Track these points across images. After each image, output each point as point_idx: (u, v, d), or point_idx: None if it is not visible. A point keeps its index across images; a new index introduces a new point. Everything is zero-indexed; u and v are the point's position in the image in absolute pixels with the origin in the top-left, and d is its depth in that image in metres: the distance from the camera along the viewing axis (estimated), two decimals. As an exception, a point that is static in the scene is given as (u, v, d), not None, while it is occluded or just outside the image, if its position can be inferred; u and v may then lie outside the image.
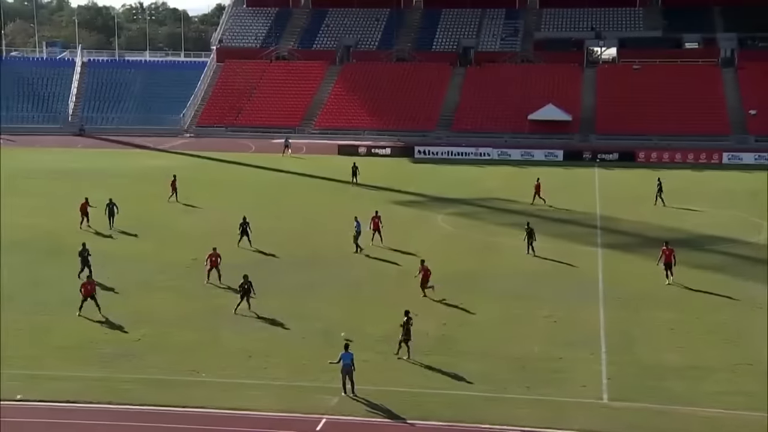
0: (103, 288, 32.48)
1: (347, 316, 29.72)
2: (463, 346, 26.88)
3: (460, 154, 76.65)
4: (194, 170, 64.38)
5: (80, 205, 43.99)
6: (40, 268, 35.58)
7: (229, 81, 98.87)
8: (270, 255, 38.17)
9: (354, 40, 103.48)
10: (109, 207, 43.75)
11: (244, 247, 39.26)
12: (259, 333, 27.88)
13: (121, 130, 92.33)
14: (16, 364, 24.82)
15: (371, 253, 38.59)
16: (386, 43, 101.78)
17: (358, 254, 38.23)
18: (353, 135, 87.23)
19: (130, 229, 43.34)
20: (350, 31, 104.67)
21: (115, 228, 43.35)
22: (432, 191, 56.00)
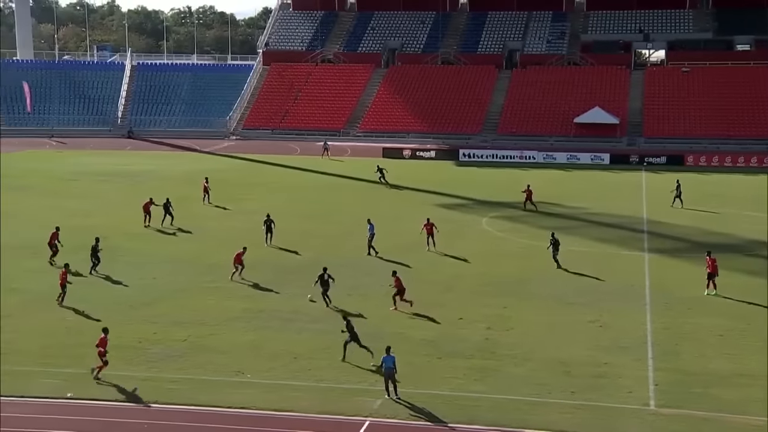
0: (151, 288, 33.00)
1: (391, 319, 29.77)
2: (506, 350, 26.77)
3: (505, 157, 76.31)
4: (240, 172, 65.02)
5: (143, 205, 45.22)
6: (85, 269, 36.12)
7: (275, 84, 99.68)
8: (314, 256, 38.37)
9: (399, 43, 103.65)
10: (166, 206, 45.31)
11: (275, 245, 39.96)
12: (304, 334, 28.05)
13: (169, 133, 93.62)
14: (64, 363, 25.26)
15: (415, 257, 38.59)
16: (431, 46, 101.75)
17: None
18: (398, 138, 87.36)
19: (179, 231, 43.88)
20: (396, 34, 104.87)
21: (175, 225, 44.70)
22: (476, 194, 55.83)
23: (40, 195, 54.42)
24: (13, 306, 30.65)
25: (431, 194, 56.76)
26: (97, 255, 35.58)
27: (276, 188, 58.35)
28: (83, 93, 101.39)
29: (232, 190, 56.29)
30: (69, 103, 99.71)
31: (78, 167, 68.41)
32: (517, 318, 30.08)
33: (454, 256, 38.76)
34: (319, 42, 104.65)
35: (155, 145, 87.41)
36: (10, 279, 34.29)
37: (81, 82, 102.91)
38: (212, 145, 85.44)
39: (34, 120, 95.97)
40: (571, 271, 36.45)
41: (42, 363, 25.16)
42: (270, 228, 41.06)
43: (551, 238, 37.37)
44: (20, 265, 36.14)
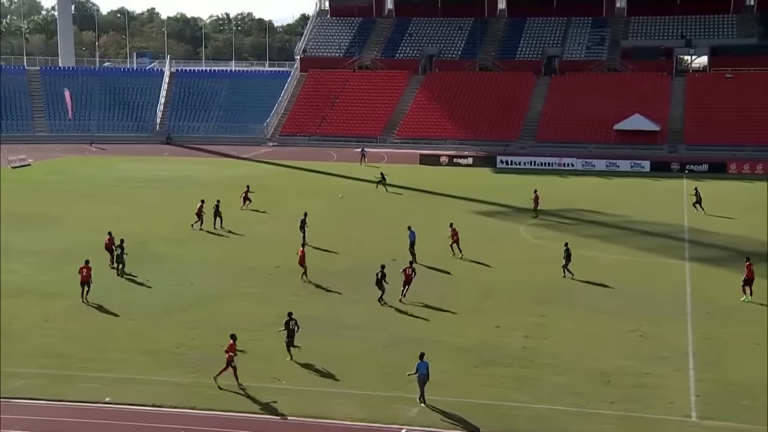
0: (188, 293, 33.34)
1: (429, 326, 29.76)
2: (545, 359, 26.61)
3: (544, 164, 75.90)
4: (277, 179, 65.44)
5: (197, 209, 46.43)
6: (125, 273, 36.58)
7: (313, 90, 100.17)
8: (353, 262, 38.48)
9: (437, 49, 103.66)
10: (216, 209, 46.61)
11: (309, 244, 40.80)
12: (340, 341, 28.13)
13: (207, 139, 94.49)
14: (102, 367, 25.59)
15: (453, 264, 38.54)
16: (469, 52, 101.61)
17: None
18: (435, 145, 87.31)
19: (213, 235, 44.30)
20: (433, 41, 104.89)
21: (225, 228, 45.94)
22: (514, 202, 55.58)
23: (83, 200, 55.23)
24: (55, 311, 31.14)
25: (468, 201, 56.65)
26: (122, 258, 36.35)
27: (313, 194, 58.60)
28: (123, 99, 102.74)
29: (270, 195, 56.66)
30: (109, 109, 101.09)
31: (118, 173, 69.34)
32: (556, 326, 29.89)
33: (492, 264, 38.62)
34: (357, 48, 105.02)
35: (193, 151, 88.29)
36: (51, 284, 34.84)
37: (121, 88, 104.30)
38: (249, 152, 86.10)
39: (75, 126, 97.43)
40: (610, 279, 36.14)
41: (82, 367, 25.52)
42: (303, 228, 42.25)
43: (565, 248, 36.80)
44: (63, 270, 36.67)
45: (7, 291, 33.51)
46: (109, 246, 37.78)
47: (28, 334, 28.46)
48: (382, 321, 30.22)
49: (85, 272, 32.32)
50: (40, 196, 57.30)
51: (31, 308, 31.37)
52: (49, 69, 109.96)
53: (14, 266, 37.49)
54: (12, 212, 50.52)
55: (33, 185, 62.59)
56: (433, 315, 31.22)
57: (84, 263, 32.74)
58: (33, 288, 34.13)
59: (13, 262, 38.27)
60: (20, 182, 64.00)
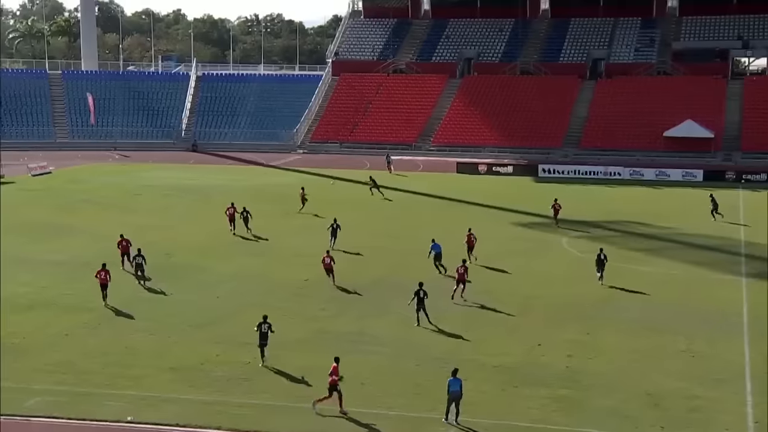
0: (215, 307, 33.53)
1: (464, 343, 29.62)
2: (590, 380, 26.35)
3: (588, 173, 75.47)
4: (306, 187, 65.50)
5: (228, 213, 48.07)
6: (148, 286, 36.89)
7: (345, 95, 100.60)
8: (384, 275, 38.47)
9: (476, 52, 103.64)
10: (244, 215, 47.89)
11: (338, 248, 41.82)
12: (371, 358, 28.08)
13: (234, 146, 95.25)
14: (123, 384, 25.73)
15: (490, 278, 38.36)
16: (510, 55, 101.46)
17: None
18: (473, 152, 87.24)
19: (239, 248, 44.54)
20: (472, 43, 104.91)
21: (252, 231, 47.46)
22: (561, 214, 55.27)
23: (104, 209, 55.84)
24: (74, 325, 31.44)
25: (508, 212, 56.44)
26: (142, 267, 37.05)
27: (345, 203, 58.71)
28: (147, 104, 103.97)
29: (298, 205, 56.88)
30: (132, 114, 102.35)
31: (141, 181, 70.07)
32: (601, 344, 29.60)
33: (532, 278, 38.39)
34: (391, 51, 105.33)
35: (219, 158, 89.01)
36: (70, 297, 35.21)
37: (145, 93, 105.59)
38: (278, 159, 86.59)
39: (97, 132, 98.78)
40: (659, 294, 35.76)
41: (102, 384, 25.70)
42: (335, 233, 43.56)
43: (599, 253, 37.66)
44: (83, 282, 37.04)
45: (25, 303, 33.93)
46: (126, 248, 39.42)
47: (45, 348, 28.74)
48: (414, 337, 30.12)
49: (103, 275, 33.70)
50: (60, 204, 58.06)
51: (49, 322, 31.72)
52: (72, 73, 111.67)
53: (32, 278, 37.96)
54: (31, 221, 51.26)
55: (53, 193, 63.47)
56: (468, 331, 31.05)
57: (101, 266, 34.04)
58: (51, 300, 34.51)
59: (31, 273, 38.76)
60: (40, 190, 64.93)
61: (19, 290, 35.80)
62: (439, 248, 39.34)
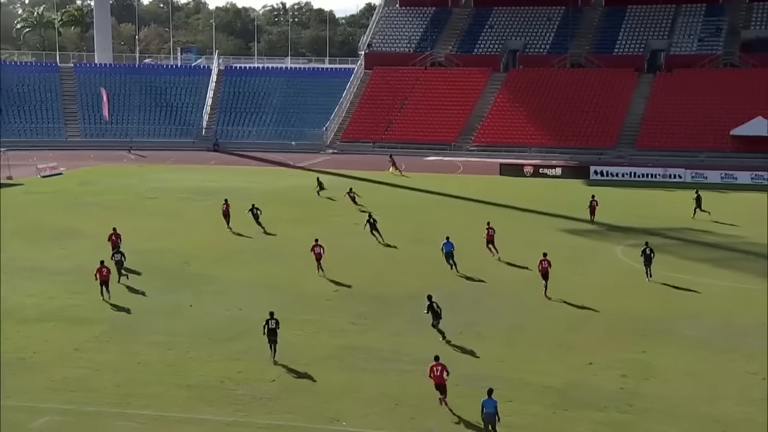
0: (235, 320, 33.68)
1: (506, 362, 29.48)
2: (646, 403, 26.11)
3: (646, 175, 74.92)
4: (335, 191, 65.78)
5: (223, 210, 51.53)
6: (165, 297, 37.19)
7: (378, 90, 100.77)
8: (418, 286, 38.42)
9: (521, 43, 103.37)
10: (253, 212, 51.03)
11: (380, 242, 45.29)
12: (405, 377, 28.04)
13: (258, 145, 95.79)
14: (137, 403, 25.90)
15: (534, 290, 38.17)
16: (559, 46, 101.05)
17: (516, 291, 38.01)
18: (518, 153, 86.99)
19: (262, 255, 44.72)
20: (517, 33, 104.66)
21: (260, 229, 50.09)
22: (610, 219, 54.90)
23: (118, 213, 56.32)
24: (85, 338, 31.72)
25: (556, 218, 56.16)
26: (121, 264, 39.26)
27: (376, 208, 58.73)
28: (165, 101, 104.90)
29: (325, 209, 57.10)
30: (149, 111, 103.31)
31: (158, 183, 70.66)
32: (659, 364, 29.33)
33: (583, 290, 38.15)
34: (429, 43, 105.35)
35: (243, 159, 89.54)
36: (80, 308, 35.56)
37: (163, 88, 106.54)
38: (306, 160, 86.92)
39: (111, 131, 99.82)
40: (724, 310, 35.35)
41: (114, 403, 25.89)
42: (374, 227, 47.18)
43: (645, 247, 39.94)
44: (94, 291, 37.40)
45: (32, 316, 34.33)
46: (115, 242, 42.73)
47: (54, 364, 29.03)
48: (450, 354, 30.02)
49: (104, 272, 36.13)
50: (70, 208, 58.73)
51: (57, 335, 32.05)
52: (84, 66, 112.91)
53: (40, 287, 38.40)
54: (38, 226, 51.89)
55: (63, 196, 64.21)
56: (511, 348, 30.94)
57: (100, 264, 36.48)
58: (60, 312, 34.88)
59: (38, 282, 39.22)
60: (50, 193, 65.74)
61: (27, 301, 36.24)
62: (452, 246, 41.14)
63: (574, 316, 34.88)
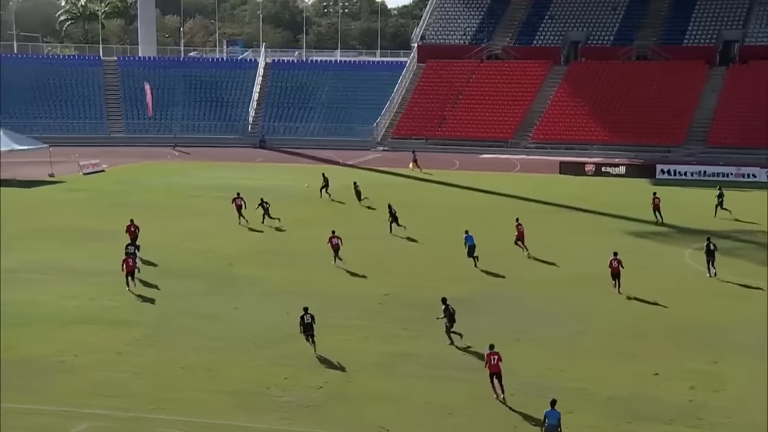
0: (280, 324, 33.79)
1: (565, 371, 29.21)
2: (717, 416, 25.69)
3: (717, 175, 73.93)
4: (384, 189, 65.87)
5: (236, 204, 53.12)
6: (207, 299, 37.46)
7: (432, 85, 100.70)
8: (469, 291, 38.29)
9: (584, 35, 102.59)
10: (262, 205, 52.53)
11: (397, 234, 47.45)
12: (457, 385, 27.90)
13: (306, 142, 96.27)
14: (178, 409, 26.05)
15: (598, 296, 37.82)
16: (624, 38, 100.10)
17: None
18: (579, 150, 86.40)
19: (308, 257, 44.85)
20: (579, 24, 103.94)
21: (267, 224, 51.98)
22: (677, 221, 54.27)
23: (159, 213, 56.87)
24: (125, 341, 32.03)
25: (620, 219, 55.67)
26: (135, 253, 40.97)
27: (427, 209, 58.66)
28: (210, 95, 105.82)
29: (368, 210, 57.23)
30: (194, 106, 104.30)
31: (201, 181, 71.26)
32: (731, 376, 28.85)
33: (648, 296, 37.73)
34: (486, 34, 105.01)
35: (290, 156, 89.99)
36: (120, 310, 35.93)
37: (208, 82, 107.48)
38: (356, 157, 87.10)
39: (154, 126, 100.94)
40: (801, 319, 34.69)
41: (154, 409, 26.08)
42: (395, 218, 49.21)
43: (707, 243, 40.74)
44: (131, 293, 37.79)
45: (72, 318, 34.74)
46: (134, 234, 44.97)
47: (94, 368, 29.34)
48: (509, 362, 29.81)
49: (131, 263, 38.31)
50: (111, 206, 59.39)
51: (98, 338, 32.40)
52: (128, 59, 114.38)
53: (81, 288, 38.87)
54: (78, 226, 52.57)
55: (104, 194, 65.06)
56: (570, 356, 30.66)
57: (125, 255, 39.17)
58: (101, 314, 35.26)
59: (78, 283, 39.69)
60: (91, 191, 66.63)
61: (67, 303, 36.68)
62: (473, 240, 42.35)
63: (638, 323, 34.48)
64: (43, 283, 39.70)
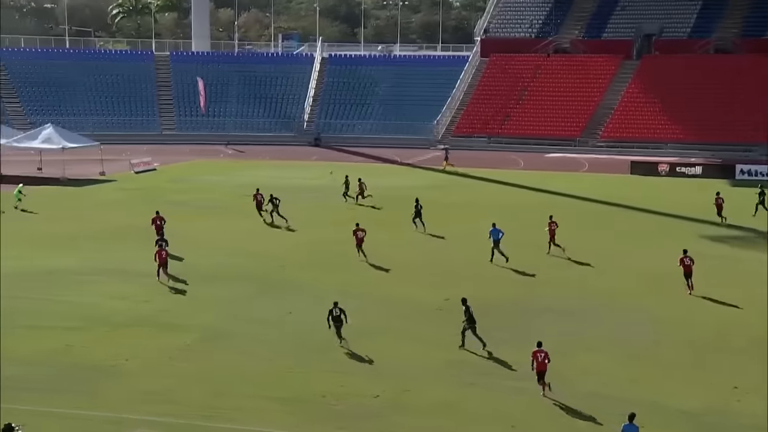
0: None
1: (635, 382, 28.88)
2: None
3: (802, 174, 72.68)
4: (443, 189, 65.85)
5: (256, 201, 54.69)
6: (259, 303, 37.65)
7: (495, 80, 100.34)
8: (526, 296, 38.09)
9: (658, 27, 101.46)
10: (273, 202, 54.16)
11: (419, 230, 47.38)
12: (518, 396, 27.72)
13: (363, 140, 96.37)
14: (229, 416, 26.19)
15: (672, 303, 37.34)
16: (702, 30, 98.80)
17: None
18: (652, 149, 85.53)
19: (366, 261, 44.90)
20: (653, 15, 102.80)
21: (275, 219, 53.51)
22: (759, 225, 53.45)
23: (210, 212, 57.30)
24: (176, 346, 32.34)
25: (696, 223, 54.96)
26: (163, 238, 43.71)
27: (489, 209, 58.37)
28: (264, 91, 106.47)
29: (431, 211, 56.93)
30: (248, 103, 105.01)
31: (253, 180, 71.45)
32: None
33: (726, 304, 37.20)
34: (553, 27, 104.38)
35: (346, 155, 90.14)
36: (171, 313, 36.29)
37: (262, 78, 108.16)
38: (415, 156, 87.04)
39: (207, 124, 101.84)
40: None
41: (205, 416, 26.25)
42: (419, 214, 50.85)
43: None
44: (185, 296, 38.16)
45: (123, 321, 35.18)
46: (159, 227, 46.81)
47: (145, 372, 29.66)
48: (566, 370, 29.60)
49: (164, 255, 40.49)
50: (162, 206, 59.68)
51: (149, 341, 32.75)
52: (181, 54, 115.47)
53: (132, 290, 39.33)
54: (130, 226, 53.15)
55: (156, 193, 65.70)
56: (641, 366, 30.33)
57: (158, 247, 41.48)
58: (152, 317, 35.65)
59: (129, 285, 40.16)
60: (142, 190, 67.41)
61: (119, 305, 37.14)
62: (499, 234, 43.32)
63: (715, 332, 34.02)
64: (96, 284, 40.34)
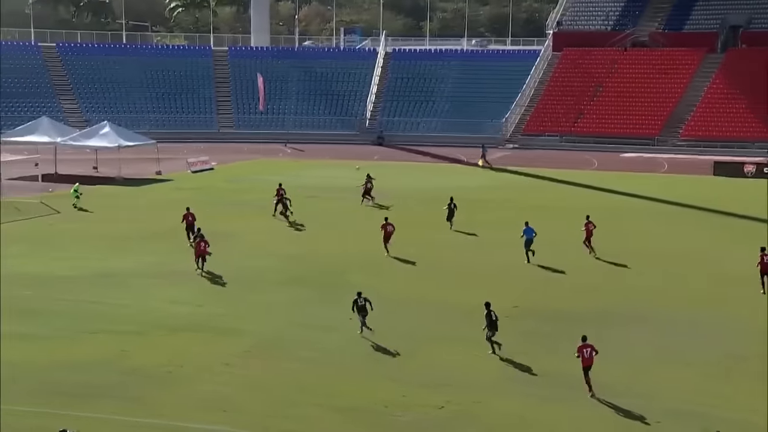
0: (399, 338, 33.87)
1: (726, 397, 28.45)
2: None
3: None
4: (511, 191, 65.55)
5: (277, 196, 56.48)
6: (318, 309, 37.79)
7: (568, 76, 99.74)
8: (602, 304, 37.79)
9: (745, 18, 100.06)
10: (283, 201, 55.99)
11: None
12: (593, 411, 27.45)
13: (428, 139, 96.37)
14: (288, 426, 26.29)
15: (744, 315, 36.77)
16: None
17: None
18: (737, 149, 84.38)
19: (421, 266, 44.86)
20: (740, 5, 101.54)
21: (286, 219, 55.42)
22: None
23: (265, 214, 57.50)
24: (232, 352, 32.56)
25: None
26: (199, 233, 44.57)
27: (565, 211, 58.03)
28: (325, 88, 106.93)
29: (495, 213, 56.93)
30: (308, 100, 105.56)
31: (313, 180, 71.99)
32: None
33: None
34: (630, 19, 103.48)
35: (410, 154, 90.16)
36: (227, 318, 36.57)
37: (323, 73, 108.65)
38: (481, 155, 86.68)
39: (266, 122, 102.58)
40: None
41: (263, 425, 26.38)
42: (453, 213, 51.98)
43: None
44: (240, 300, 38.42)
45: (180, 325, 35.53)
46: (191, 223, 48.71)
47: (200, 379, 29.88)
48: (648, 382, 29.27)
49: (202, 246, 42.27)
50: (219, 207, 60.50)
51: (205, 347, 33.01)
52: (239, 50, 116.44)
53: (187, 294, 39.73)
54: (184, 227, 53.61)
55: (213, 194, 66.37)
56: (729, 381, 29.91)
57: (199, 238, 43.20)
58: (208, 322, 35.94)
59: (185, 288, 40.59)
60: (199, 190, 68.06)
61: (176, 310, 37.52)
62: (532, 233, 44.11)
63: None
64: (153, 287, 40.86)
